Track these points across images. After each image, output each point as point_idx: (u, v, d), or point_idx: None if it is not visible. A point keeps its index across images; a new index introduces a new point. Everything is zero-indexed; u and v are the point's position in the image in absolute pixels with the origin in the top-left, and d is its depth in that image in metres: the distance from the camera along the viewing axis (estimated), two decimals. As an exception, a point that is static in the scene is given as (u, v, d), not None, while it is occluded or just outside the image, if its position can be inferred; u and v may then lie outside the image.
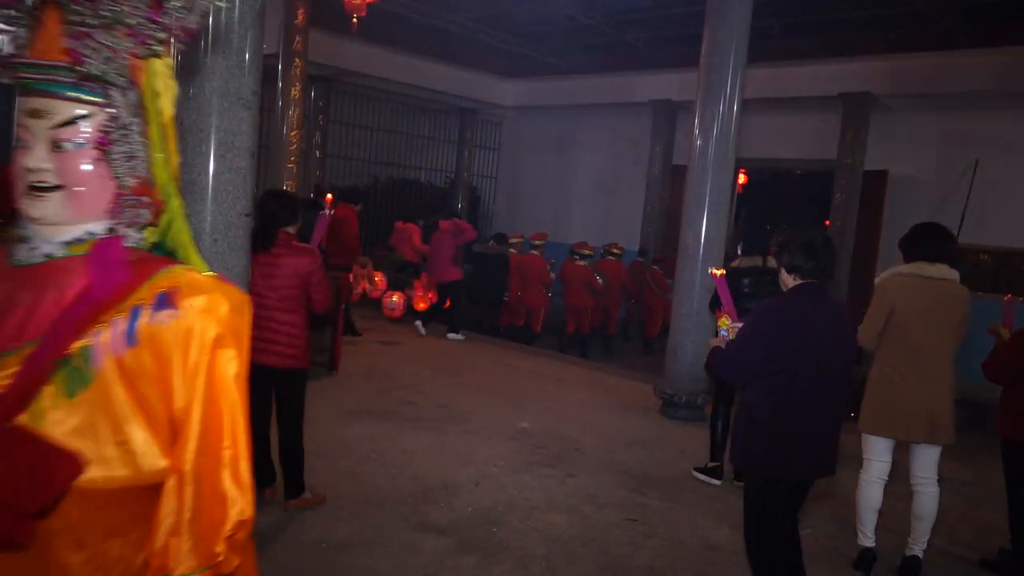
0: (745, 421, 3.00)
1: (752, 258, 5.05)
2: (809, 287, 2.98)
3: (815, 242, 2.98)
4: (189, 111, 3.51)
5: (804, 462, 2.93)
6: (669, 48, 13.21)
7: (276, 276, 3.85)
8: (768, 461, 2.94)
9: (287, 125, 9.94)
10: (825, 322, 2.93)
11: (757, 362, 2.91)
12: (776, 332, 2.88)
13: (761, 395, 2.94)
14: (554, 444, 5.58)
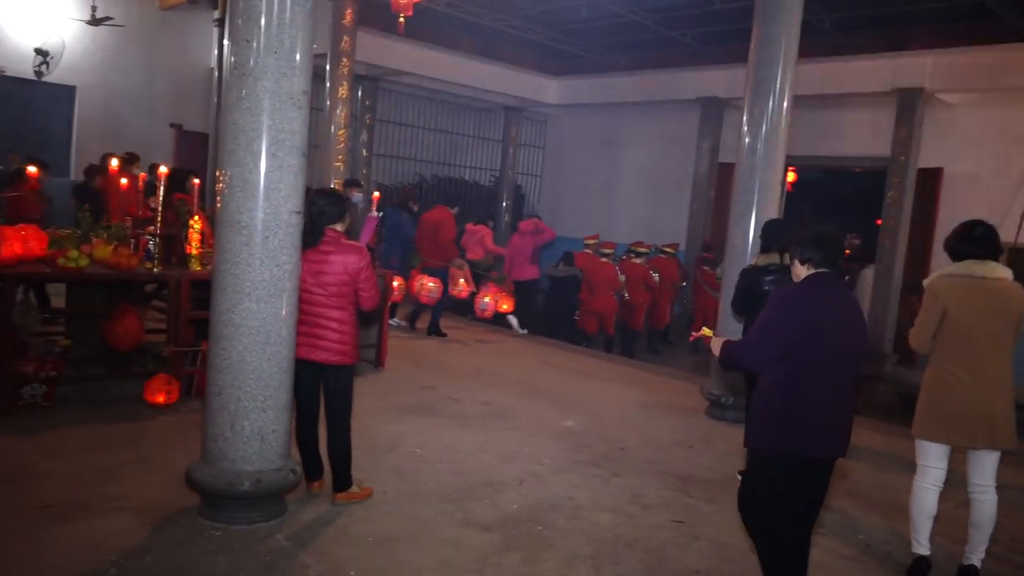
0: (758, 404, 3.13)
1: (770, 255, 4.96)
2: (820, 277, 3.10)
3: (826, 235, 3.13)
4: (242, 111, 3.58)
5: (811, 442, 3.02)
6: (717, 44, 13.04)
7: (325, 273, 3.89)
8: (776, 441, 3.05)
9: (335, 124, 10.08)
10: (835, 310, 3.04)
11: (776, 345, 3.03)
12: (791, 316, 3.02)
13: (773, 379, 3.06)
14: (599, 443, 5.56)
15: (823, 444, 3.05)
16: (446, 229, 9.11)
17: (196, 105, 14.01)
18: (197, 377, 5.53)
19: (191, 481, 3.75)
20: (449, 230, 9.18)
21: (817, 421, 3.02)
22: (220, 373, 3.69)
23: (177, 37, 13.79)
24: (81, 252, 5.14)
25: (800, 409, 3.01)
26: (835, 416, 3.05)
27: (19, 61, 12.00)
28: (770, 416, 3.07)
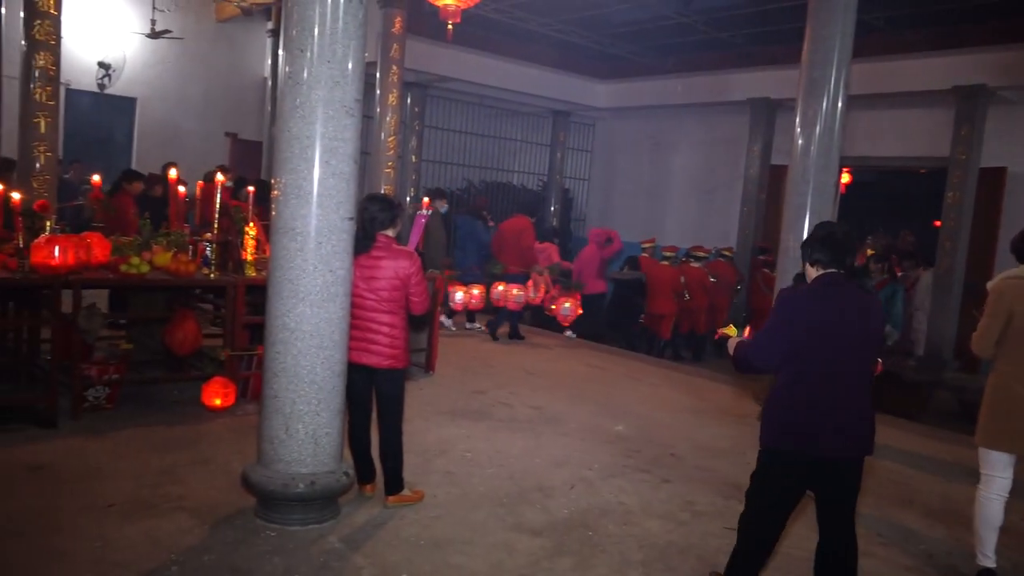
0: (768, 403, 3.19)
1: None
2: (828, 278, 3.11)
3: (834, 235, 3.14)
4: (296, 119, 3.65)
5: (817, 441, 3.02)
6: (767, 45, 12.85)
7: (376, 278, 3.94)
8: (783, 439, 3.09)
9: (384, 131, 10.20)
10: (842, 311, 3.04)
11: (780, 347, 3.07)
12: (794, 318, 3.05)
13: (783, 379, 3.11)
14: (649, 449, 5.51)
15: (831, 444, 3.03)
16: (527, 236, 9.28)
17: (250, 114, 14.34)
18: (252, 380, 5.65)
19: (247, 482, 3.83)
20: (529, 237, 9.35)
21: (823, 421, 3.02)
22: (275, 377, 3.76)
23: (232, 48, 14.14)
24: (142, 259, 5.30)
25: (806, 409, 3.04)
26: (844, 416, 3.04)
27: (83, 74, 12.43)
28: (779, 415, 3.12)
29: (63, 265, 4.82)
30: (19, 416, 4.82)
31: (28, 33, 7.14)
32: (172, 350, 5.53)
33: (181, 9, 13.34)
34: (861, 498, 3.19)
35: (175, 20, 13.10)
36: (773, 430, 3.13)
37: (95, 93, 12.81)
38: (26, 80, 7.23)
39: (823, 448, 3.03)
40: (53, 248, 4.77)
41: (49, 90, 7.28)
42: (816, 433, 3.02)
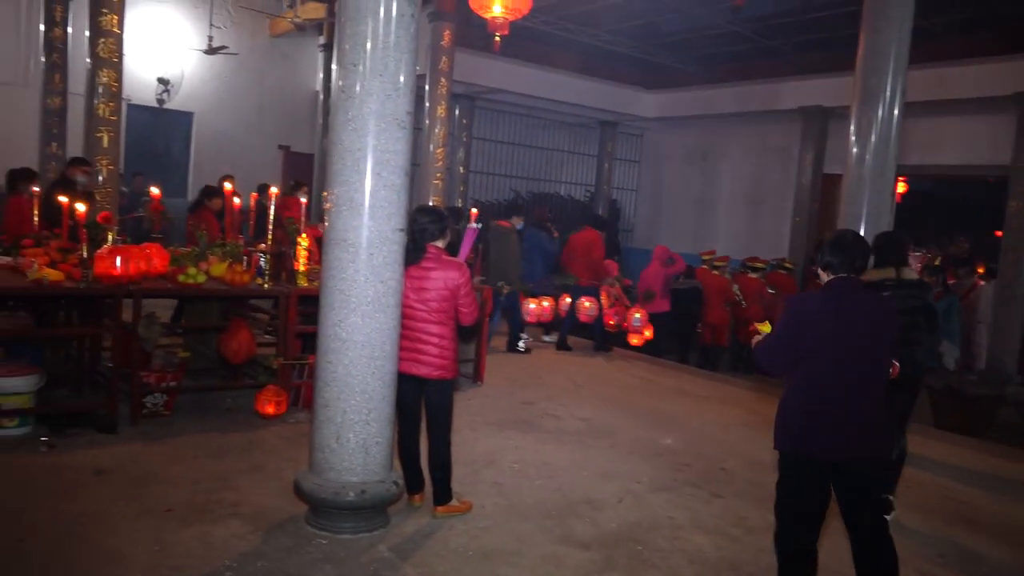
0: (780, 406, 3.22)
1: (884, 270, 4.73)
2: (837, 282, 3.15)
3: (845, 239, 3.20)
4: (348, 132, 3.71)
5: (824, 444, 3.06)
6: (819, 52, 12.67)
7: (426, 289, 3.97)
8: (791, 442, 3.14)
9: (433, 143, 10.31)
10: (852, 315, 3.08)
11: (786, 351, 3.14)
12: (799, 324, 3.11)
13: (792, 382, 3.17)
14: (699, 462, 5.44)
15: (837, 447, 3.06)
16: (597, 249, 9.36)
17: (302, 127, 14.63)
18: (304, 389, 5.74)
19: (299, 490, 3.88)
20: (600, 250, 9.42)
21: (829, 424, 3.05)
22: (327, 386, 3.81)
23: (285, 63, 14.46)
24: (199, 269, 5.43)
25: (813, 412, 3.08)
26: (852, 419, 3.06)
27: (143, 90, 12.85)
28: (786, 418, 3.17)
29: (124, 275, 4.96)
30: (82, 421, 4.96)
31: (93, 51, 7.40)
32: (227, 358, 5.65)
33: (237, 26, 13.70)
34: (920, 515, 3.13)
35: (231, 36, 13.46)
36: (781, 433, 3.18)
37: (154, 108, 13.22)
38: (90, 96, 7.49)
39: (829, 451, 3.06)
40: (115, 259, 4.93)
41: (112, 106, 7.53)
42: (822, 436, 3.06)
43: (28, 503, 3.85)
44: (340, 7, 3.73)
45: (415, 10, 3.76)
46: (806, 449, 3.09)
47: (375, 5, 3.64)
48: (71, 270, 5.06)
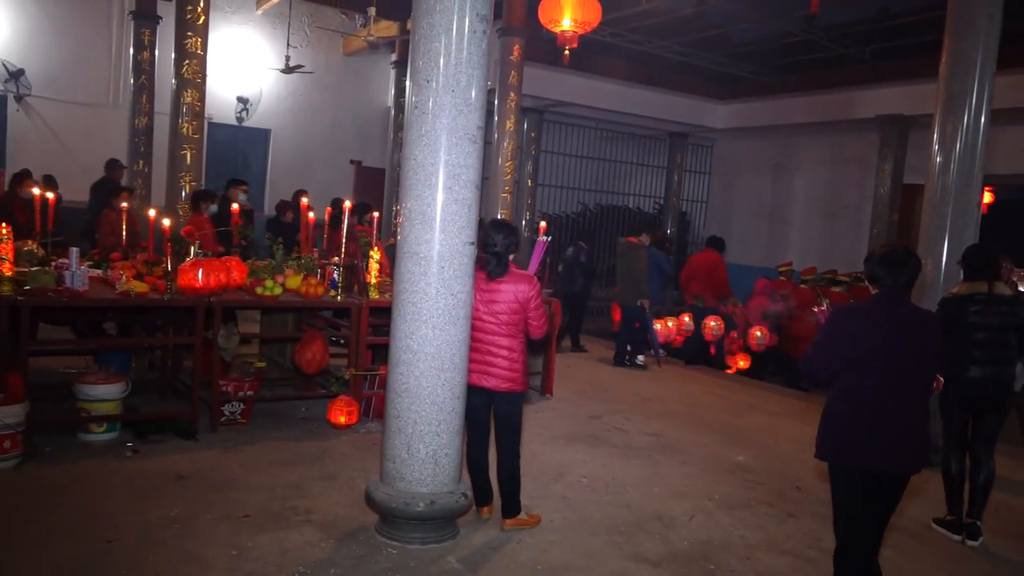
0: (822, 415, 3.27)
1: (975, 284, 4.54)
2: (883, 296, 3.20)
3: (895, 254, 3.22)
4: (421, 147, 3.77)
5: (865, 454, 3.09)
6: (899, 59, 12.29)
7: (496, 302, 3.99)
8: (831, 452, 3.19)
9: (502, 156, 10.38)
10: (892, 328, 3.11)
11: (826, 360, 3.20)
12: (840, 334, 3.17)
13: (833, 392, 3.23)
14: (773, 480, 5.30)
15: (873, 458, 3.09)
16: (720, 269, 9.65)
17: (374, 142, 14.93)
18: (375, 399, 5.83)
19: (370, 499, 3.94)
20: (723, 270, 9.68)
21: (866, 434, 3.09)
22: (398, 397, 3.86)
23: (358, 80, 14.80)
24: (275, 281, 5.58)
25: (851, 422, 3.13)
26: (888, 431, 3.08)
27: (223, 108, 13.33)
28: (827, 427, 3.22)
29: (206, 287, 5.14)
30: (164, 428, 5.15)
31: (178, 72, 7.72)
32: (301, 369, 5.79)
33: (312, 45, 14.11)
34: (1010, 542, 2.97)
35: (306, 55, 13.86)
36: (820, 443, 3.24)
37: (234, 126, 13.70)
38: (175, 115, 7.81)
39: (870, 460, 3.09)
40: (197, 271, 5.11)
41: (195, 124, 7.83)
42: (859, 446, 3.10)
43: (115, 506, 4.01)
44: (414, 25, 3.81)
45: (487, 27, 3.80)
46: (849, 458, 3.14)
47: (448, 23, 3.70)
48: (156, 282, 5.27)
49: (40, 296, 4.74)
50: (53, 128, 11.87)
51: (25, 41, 11.96)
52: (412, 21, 3.86)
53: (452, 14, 3.69)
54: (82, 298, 4.91)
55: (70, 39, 12.21)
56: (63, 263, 5.13)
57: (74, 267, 4.92)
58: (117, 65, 12.51)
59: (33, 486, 4.19)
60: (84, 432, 4.94)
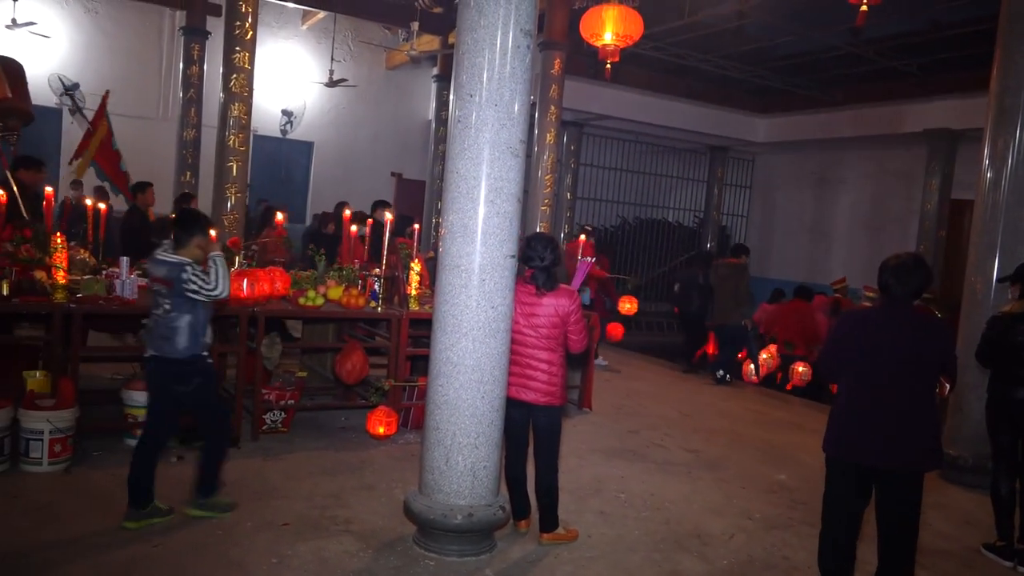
0: (830, 413, 3.51)
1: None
2: (889, 303, 3.37)
3: (906, 265, 3.36)
4: (464, 160, 3.79)
5: (858, 450, 3.31)
6: (948, 72, 12.06)
7: (536, 315, 3.99)
8: (832, 443, 3.43)
9: (541, 169, 10.40)
10: (897, 332, 3.28)
11: (832, 360, 3.46)
12: (845, 339, 3.41)
13: (839, 390, 3.45)
14: (816, 501, 5.13)
15: (874, 453, 3.26)
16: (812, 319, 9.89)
17: (414, 155, 15.08)
18: (413, 410, 5.86)
19: (408, 510, 3.95)
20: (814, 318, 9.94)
21: (867, 431, 3.28)
22: (438, 408, 3.88)
23: (400, 93, 14.98)
24: (317, 292, 5.66)
25: (852, 419, 3.34)
26: (890, 429, 3.24)
27: (268, 121, 13.59)
28: (831, 423, 3.44)
29: (250, 297, 5.23)
30: (207, 435, 5.24)
31: (226, 86, 7.90)
32: (341, 379, 5.84)
33: (355, 59, 14.33)
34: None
35: (349, 69, 14.08)
36: (826, 438, 3.45)
37: (278, 138, 13.95)
38: (222, 128, 7.98)
39: (865, 456, 3.28)
40: (243, 281, 5.20)
41: (241, 137, 7.99)
42: (859, 442, 3.29)
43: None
44: (458, 40, 3.84)
45: (531, 42, 3.83)
46: (843, 452, 3.36)
47: (492, 38, 3.73)
48: (202, 291, 5.36)
49: (92, 304, 4.87)
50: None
51: (80, 56, 12.35)
52: (456, 36, 3.89)
53: (496, 29, 3.73)
54: (132, 306, 5.02)
55: (122, 54, 12.57)
56: (114, 272, 5.26)
57: (124, 276, 5.04)
58: (167, 79, 12.85)
59: (82, 489, 4.29)
60: (130, 437, 5.04)
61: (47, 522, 3.85)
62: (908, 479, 3.29)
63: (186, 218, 4.14)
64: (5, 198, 5.57)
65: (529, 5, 3.80)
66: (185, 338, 3.89)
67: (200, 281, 3.82)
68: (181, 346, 3.89)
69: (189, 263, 3.85)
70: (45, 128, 11.72)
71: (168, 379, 3.96)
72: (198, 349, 3.97)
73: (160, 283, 3.90)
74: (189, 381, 3.96)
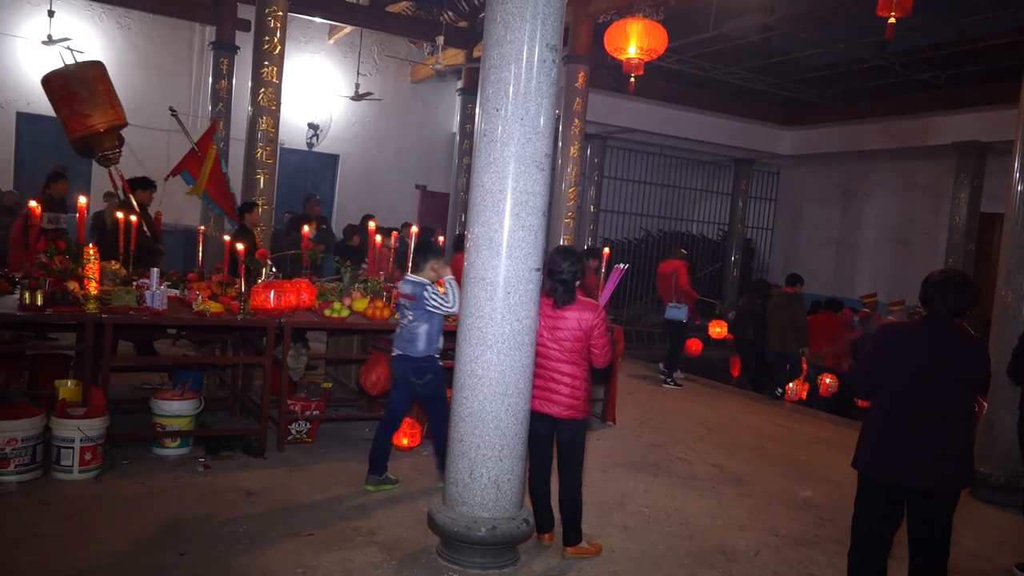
0: (861, 428, 3.47)
1: None
2: (930, 319, 3.31)
3: (953, 281, 3.29)
4: (489, 174, 3.82)
5: (890, 468, 3.26)
6: (976, 84, 11.94)
7: (560, 329, 3.99)
8: (864, 460, 3.37)
9: (565, 182, 10.42)
10: (934, 350, 3.22)
11: (867, 376, 3.38)
12: (883, 351, 3.32)
13: (872, 406, 3.40)
14: (842, 518, 5.10)
15: (903, 471, 3.21)
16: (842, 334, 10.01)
17: (439, 167, 15.17)
18: (437, 422, 5.87)
19: (432, 522, 3.96)
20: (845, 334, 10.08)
21: (898, 448, 3.23)
22: (462, 421, 3.89)
23: (425, 107, 15.09)
24: (343, 304, 5.70)
25: (882, 437, 3.28)
26: (921, 447, 3.19)
27: (294, 134, 13.75)
28: (863, 439, 3.40)
29: (277, 309, 5.29)
30: (233, 444, 5.29)
31: (254, 100, 8.02)
32: (365, 390, 5.87)
33: (381, 73, 14.47)
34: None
35: (375, 83, 14.21)
36: (858, 453, 3.40)
37: (304, 151, 14.11)
38: (250, 141, 8.10)
39: (898, 474, 3.22)
40: (270, 293, 5.26)
41: (269, 150, 8.11)
42: (892, 459, 3.24)
43: (188, 520, 4.13)
44: (484, 55, 3.88)
45: (557, 56, 3.85)
46: (876, 470, 3.31)
47: (518, 52, 3.76)
48: (230, 303, 5.44)
49: (122, 314, 4.95)
50: (136, 153, 12.40)
51: (113, 71, 12.44)
52: (482, 51, 3.93)
53: (522, 44, 3.75)
54: (161, 317, 5.10)
55: (153, 69, 12.80)
56: (144, 283, 5.34)
57: (154, 287, 5.12)
58: (196, 93, 13.06)
59: (112, 497, 4.35)
60: (158, 446, 5.12)
61: (77, 530, 3.91)
62: (941, 497, 3.24)
63: (421, 247, 4.98)
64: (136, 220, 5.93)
65: (555, 20, 3.82)
66: (423, 343, 4.71)
67: (439, 300, 4.66)
68: (420, 349, 4.72)
69: (428, 283, 4.70)
70: (78, 141, 11.94)
71: (408, 373, 4.77)
72: (432, 351, 4.76)
73: (406, 298, 4.76)
74: (423, 376, 4.76)
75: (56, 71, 6.42)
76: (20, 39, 12.03)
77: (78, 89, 6.31)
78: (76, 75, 6.36)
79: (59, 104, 6.34)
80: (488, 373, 3.82)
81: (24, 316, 4.71)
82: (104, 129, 6.41)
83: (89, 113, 6.32)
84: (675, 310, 9.15)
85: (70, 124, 6.34)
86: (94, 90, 6.36)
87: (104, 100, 6.41)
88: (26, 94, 11.98)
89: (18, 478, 4.40)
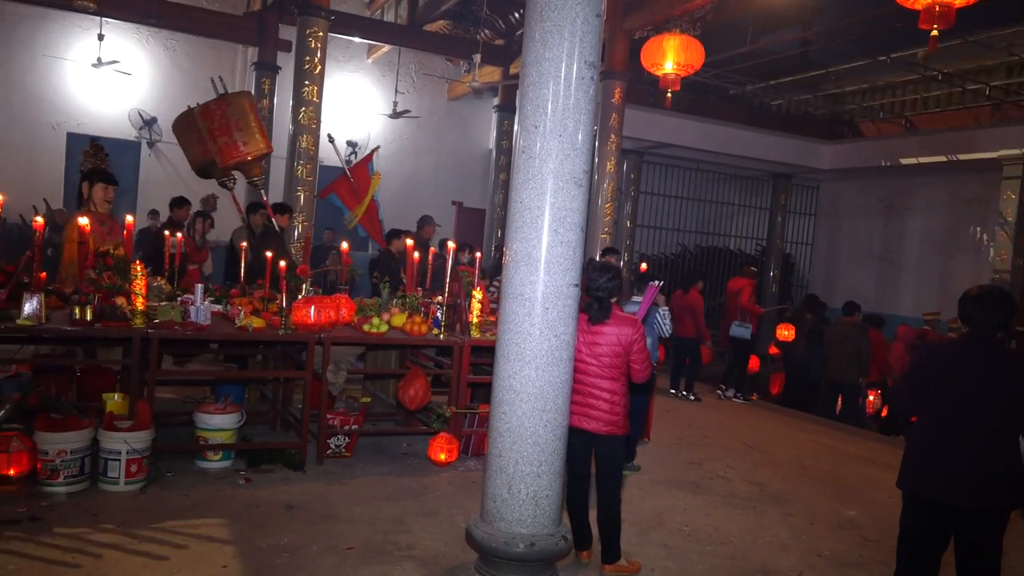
0: (906, 446, 3.46)
1: None
2: (971, 335, 3.28)
3: (991, 296, 3.29)
4: (528, 191, 3.83)
5: (932, 486, 3.23)
6: (1021, 95, 11.69)
7: (599, 344, 3.99)
8: (907, 478, 3.36)
9: (602, 198, 10.43)
10: (976, 367, 3.19)
11: (910, 393, 3.37)
12: (925, 369, 3.32)
13: (917, 424, 3.37)
14: (888, 539, 4.98)
15: (945, 489, 3.19)
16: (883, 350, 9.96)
17: (475, 183, 15.28)
18: (474, 437, 5.88)
19: (470, 537, 3.95)
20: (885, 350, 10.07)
21: (940, 467, 3.21)
22: (500, 436, 3.89)
23: (461, 124, 15.24)
24: (381, 319, 5.76)
25: (925, 454, 3.27)
26: (964, 465, 3.16)
27: (333, 152, 13.91)
28: (906, 457, 3.39)
29: (317, 324, 5.36)
30: (274, 458, 5.36)
31: (295, 119, 8.18)
32: (403, 405, 5.91)
33: (418, 91, 14.66)
34: None
35: (412, 101, 14.39)
36: (902, 471, 3.38)
37: (342, 169, 14.29)
38: (291, 159, 8.25)
39: (944, 493, 3.19)
40: (310, 308, 5.34)
41: (309, 167, 8.26)
42: (937, 478, 3.21)
43: (230, 532, 4.19)
44: (523, 72, 3.91)
45: (595, 73, 3.87)
46: (918, 487, 3.29)
47: (556, 70, 3.78)
48: (271, 318, 5.53)
49: (168, 329, 5.06)
50: (180, 171, 12.71)
51: (158, 92, 12.93)
52: (521, 69, 3.96)
53: (560, 62, 3.78)
54: (205, 331, 5.20)
55: (197, 89, 13.05)
56: (189, 298, 5.45)
57: (199, 303, 5.23)
58: (239, 112, 13.32)
59: (157, 509, 4.42)
60: (201, 459, 5.20)
61: (123, 541, 3.98)
62: (987, 517, 3.18)
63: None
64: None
65: (593, 37, 3.84)
66: None
67: (666, 323, 5.68)
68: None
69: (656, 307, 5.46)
70: (124, 160, 12.28)
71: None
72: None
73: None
74: (639, 389, 4.91)
75: (216, 101, 6.70)
76: (70, 62, 12.42)
77: (237, 119, 6.60)
78: (236, 105, 6.64)
79: (217, 132, 6.58)
80: (526, 389, 3.81)
81: (74, 332, 4.84)
82: (252, 158, 6.66)
83: (245, 142, 6.61)
84: (740, 328, 9.09)
85: (225, 152, 6.60)
86: (248, 121, 6.65)
87: (257, 130, 6.71)
88: (76, 115, 12.35)
89: (67, 489, 4.51)
